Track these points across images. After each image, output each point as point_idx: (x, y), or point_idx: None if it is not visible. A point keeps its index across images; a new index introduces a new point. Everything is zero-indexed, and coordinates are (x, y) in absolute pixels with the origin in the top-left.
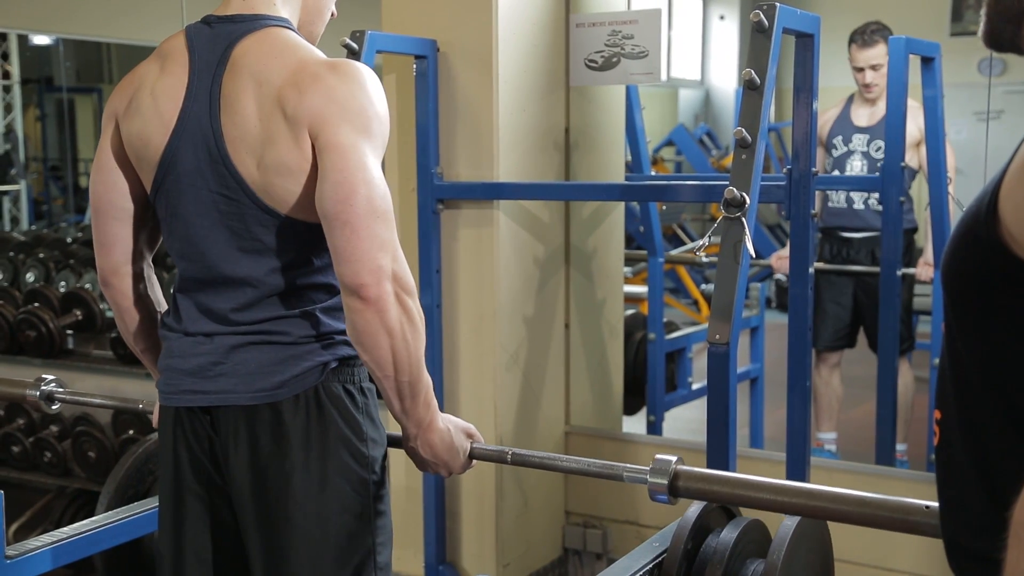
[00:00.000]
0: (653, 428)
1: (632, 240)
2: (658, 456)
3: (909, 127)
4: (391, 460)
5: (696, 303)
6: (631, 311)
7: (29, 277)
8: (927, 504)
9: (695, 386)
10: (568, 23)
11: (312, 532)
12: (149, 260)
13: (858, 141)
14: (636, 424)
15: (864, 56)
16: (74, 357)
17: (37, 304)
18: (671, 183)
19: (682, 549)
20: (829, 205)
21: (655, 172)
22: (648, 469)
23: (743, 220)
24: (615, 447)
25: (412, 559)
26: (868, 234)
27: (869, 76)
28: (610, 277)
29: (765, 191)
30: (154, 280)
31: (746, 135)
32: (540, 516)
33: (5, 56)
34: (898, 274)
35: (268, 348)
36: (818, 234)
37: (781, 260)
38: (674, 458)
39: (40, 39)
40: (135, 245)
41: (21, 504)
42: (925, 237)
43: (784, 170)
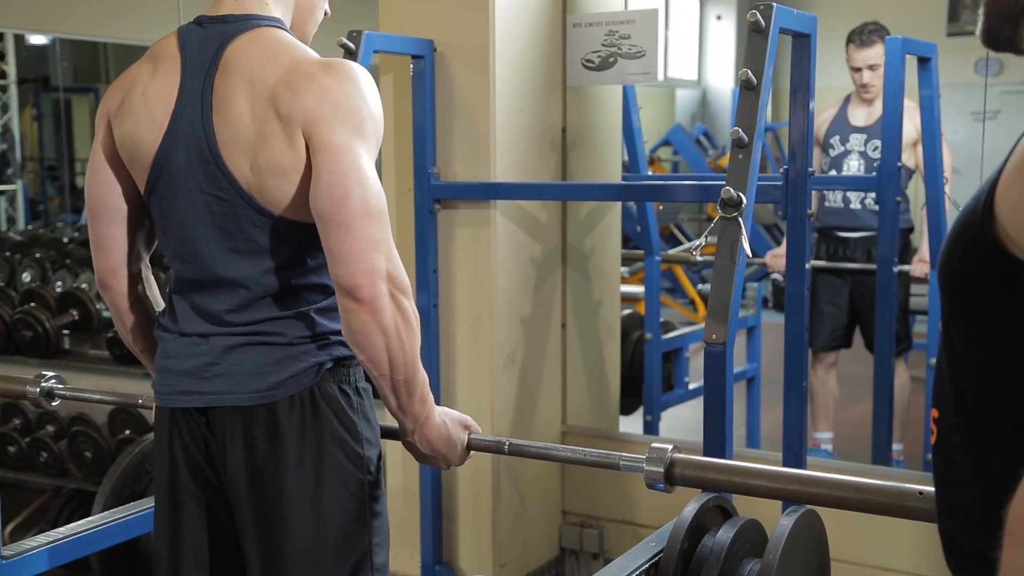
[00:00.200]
0: (650, 428)
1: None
2: (654, 444)
3: (906, 127)
4: (387, 460)
5: (693, 303)
6: (628, 311)
7: (25, 277)
8: (920, 490)
9: (692, 386)
10: (565, 23)
11: (308, 533)
12: (147, 261)
13: (855, 141)
14: (633, 424)
15: (862, 56)
16: (70, 357)
17: (33, 304)
18: (668, 183)
19: (678, 549)
20: (826, 205)
21: (652, 172)
22: (644, 458)
23: (740, 220)
24: (612, 447)
25: (409, 559)
26: (865, 234)
27: (866, 76)
28: (607, 277)
29: (762, 191)
30: (152, 281)
31: (743, 135)
32: (537, 516)
33: (2, 56)
34: (894, 271)
35: (263, 349)
36: (814, 234)
37: (776, 258)
38: (670, 446)
39: (37, 39)
40: (132, 246)
41: (17, 504)
42: (921, 236)
43: (781, 170)
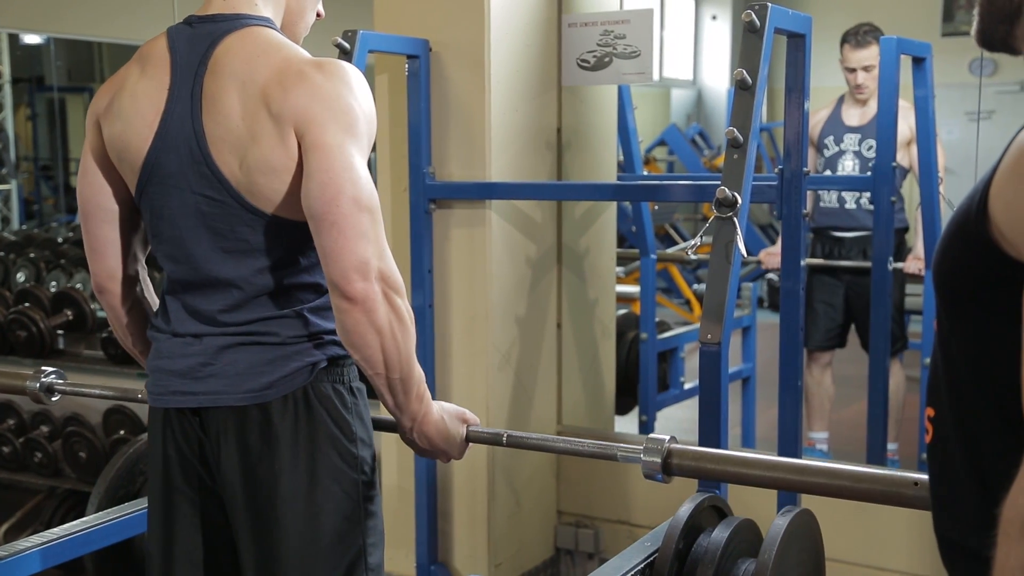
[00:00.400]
0: (645, 428)
1: (624, 240)
2: (651, 435)
3: (900, 126)
4: (383, 460)
5: (688, 303)
6: (623, 311)
7: (20, 277)
8: (916, 480)
9: (687, 386)
10: (560, 23)
11: (302, 533)
12: (143, 262)
13: (849, 141)
14: (628, 424)
15: (857, 57)
16: (65, 357)
17: (28, 304)
18: (663, 183)
19: (674, 549)
20: (821, 205)
21: (647, 172)
22: (642, 448)
23: (735, 220)
24: None
25: (404, 559)
26: (860, 233)
27: (861, 77)
28: (602, 277)
29: (757, 191)
30: (148, 282)
31: (738, 135)
32: (532, 516)
33: None
34: (889, 269)
35: (257, 349)
36: (810, 234)
37: (771, 255)
38: (667, 437)
39: (31, 38)
40: (127, 248)
41: (11, 505)
42: (916, 234)
43: (776, 170)
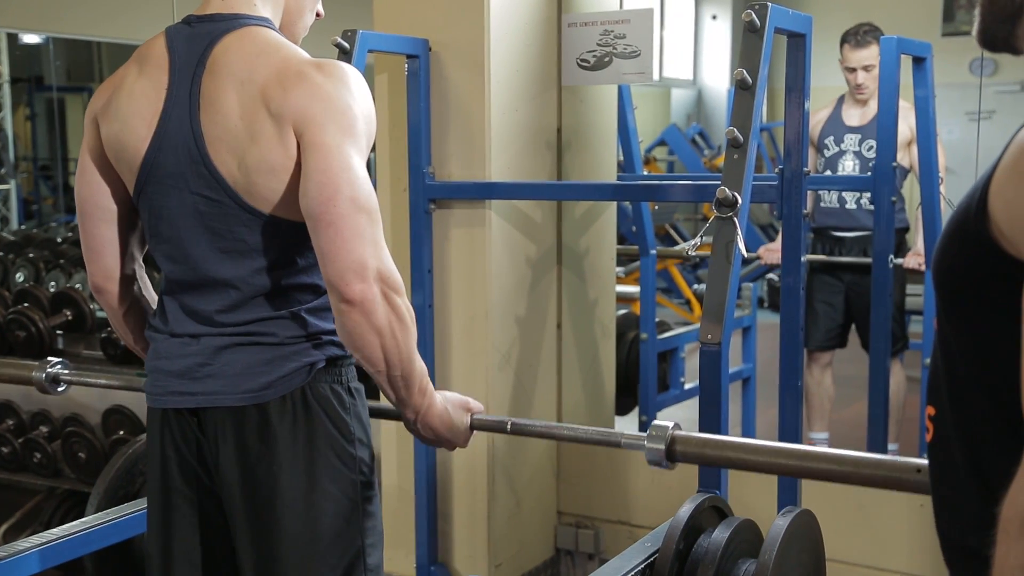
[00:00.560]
0: (645, 428)
1: (624, 240)
2: (655, 422)
3: (900, 126)
4: (382, 460)
5: (688, 303)
6: (623, 311)
7: (19, 277)
8: (919, 466)
9: (687, 386)
10: (560, 23)
11: (301, 533)
12: (140, 261)
13: (850, 141)
14: (628, 424)
15: (857, 57)
16: (64, 357)
17: (27, 304)
18: (663, 183)
19: (674, 549)
20: (821, 205)
21: (647, 172)
22: (645, 435)
23: (735, 220)
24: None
25: (404, 559)
26: (860, 233)
27: (861, 77)
28: (602, 277)
29: (757, 191)
30: (146, 281)
31: (738, 135)
32: (532, 516)
33: None
34: (889, 265)
35: (255, 349)
36: (810, 234)
37: (770, 252)
38: (671, 423)
39: (30, 38)
40: (125, 248)
41: (10, 505)
42: (916, 232)
43: (776, 170)
